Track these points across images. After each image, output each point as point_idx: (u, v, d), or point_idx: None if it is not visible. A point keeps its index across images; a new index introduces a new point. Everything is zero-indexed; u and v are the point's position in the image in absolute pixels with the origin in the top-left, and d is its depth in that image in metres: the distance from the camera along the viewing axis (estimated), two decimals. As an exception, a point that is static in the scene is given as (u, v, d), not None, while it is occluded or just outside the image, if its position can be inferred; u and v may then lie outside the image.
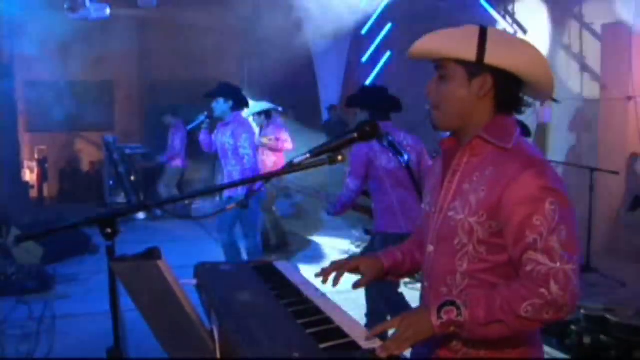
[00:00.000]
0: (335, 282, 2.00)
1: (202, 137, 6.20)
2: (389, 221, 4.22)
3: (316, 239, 8.68)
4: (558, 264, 1.59)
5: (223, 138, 5.84)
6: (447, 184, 1.84)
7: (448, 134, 1.91)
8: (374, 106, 4.32)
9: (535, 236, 1.62)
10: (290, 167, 1.79)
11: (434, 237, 1.86)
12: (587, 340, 4.27)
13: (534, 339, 1.82)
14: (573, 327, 4.35)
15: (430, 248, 1.89)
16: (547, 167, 1.72)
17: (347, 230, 8.94)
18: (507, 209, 1.66)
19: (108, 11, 8.69)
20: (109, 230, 1.77)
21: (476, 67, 1.73)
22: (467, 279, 1.77)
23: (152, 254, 1.72)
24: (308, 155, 1.77)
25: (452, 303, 1.64)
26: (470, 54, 1.71)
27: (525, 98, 1.83)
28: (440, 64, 1.80)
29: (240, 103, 5.93)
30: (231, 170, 5.83)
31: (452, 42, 1.76)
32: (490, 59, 1.70)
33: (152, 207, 2.72)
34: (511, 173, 1.67)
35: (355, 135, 1.80)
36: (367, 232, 8.15)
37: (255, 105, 7.80)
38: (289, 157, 6.59)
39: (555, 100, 1.91)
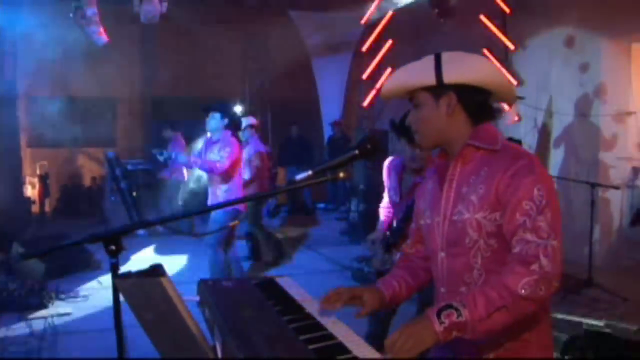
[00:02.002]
0: (333, 307, 1.97)
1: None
2: None
3: (316, 252, 8.68)
4: (546, 240, 1.72)
5: (211, 155, 6.00)
6: (446, 193, 1.97)
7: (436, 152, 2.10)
8: None
9: (524, 218, 1.77)
10: (293, 184, 1.81)
11: (443, 243, 1.96)
12: (589, 356, 4.26)
13: (544, 321, 1.93)
14: (575, 343, 4.35)
15: (442, 254, 1.98)
16: (534, 160, 1.86)
17: (349, 246, 8.95)
18: (503, 198, 1.81)
19: (105, 39, 8.75)
20: (113, 248, 1.79)
21: (439, 89, 1.92)
22: (484, 274, 1.87)
23: (156, 271, 1.73)
24: (310, 173, 1.80)
25: (450, 306, 1.70)
26: (430, 79, 1.91)
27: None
28: (412, 96, 1.99)
29: (234, 124, 6.17)
30: (215, 189, 6.06)
31: (413, 74, 1.97)
32: (448, 77, 1.89)
33: (155, 225, 2.72)
34: (502, 167, 1.83)
35: (357, 152, 1.84)
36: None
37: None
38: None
39: (521, 98, 2.07)
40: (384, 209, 4.21)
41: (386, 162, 4.12)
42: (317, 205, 12.82)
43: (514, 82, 1.87)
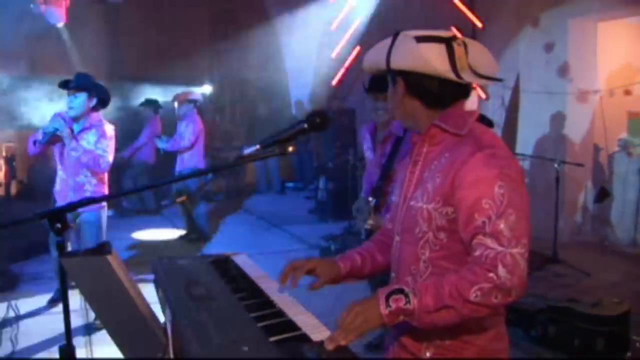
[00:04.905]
0: (294, 284, 1.95)
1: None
2: None
3: (284, 230, 8.66)
4: (506, 248, 1.60)
5: (85, 144, 5.16)
6: (410, 175, 1.89)
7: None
8: None
9: (483, 219, 1.63)
10: (241, 159, 1.78)
11: (399, 227, 1.90)
12: (551, 330, 4.33)
13: (498, 327, 1.84)
14: (538, 318, 4.41)
15: (397, 238, 1.92)
16: (499, 150, 1.72)
17: (318, 224, 8.94)
18: (458, 192, 1.69)
19: (61, 24, 8.60)
20: (58, 225, 1.75)
21: (391, 73, 1.85)
22: (430, 267, 1.79)
23: (103, 249, 1.70)
24: (258, 147, 1.76)
25: (401, 291, 1.64)
26: (382, 63, 1.82)
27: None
28: None
29: (103, 103, 5.38)
30: (84, 180, 5.30)
31: (374, 55, 1.88)
32: (392, 63, 1.80)
33: (104, 200, 2.68)
34: (462, 157, 1.70)
35: (305, 125, 1.80)
36: None
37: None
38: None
39: (499, 80, 1.91)
40: (365, 180, 4.29)
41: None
42: (286, 184, 12.80)
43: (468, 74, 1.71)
